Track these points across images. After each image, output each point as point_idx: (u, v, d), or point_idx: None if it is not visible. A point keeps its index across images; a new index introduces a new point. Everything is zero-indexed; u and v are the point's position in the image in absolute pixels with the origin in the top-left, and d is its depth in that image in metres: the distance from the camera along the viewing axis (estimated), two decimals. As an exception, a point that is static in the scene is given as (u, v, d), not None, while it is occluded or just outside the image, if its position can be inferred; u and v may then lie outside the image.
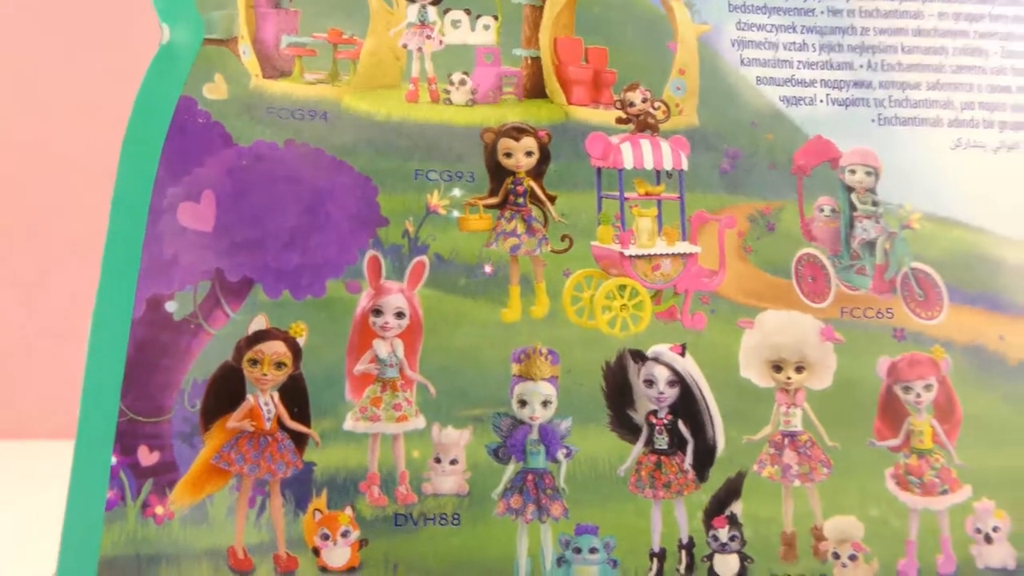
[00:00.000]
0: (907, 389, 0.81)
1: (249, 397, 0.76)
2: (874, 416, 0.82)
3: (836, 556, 0.78)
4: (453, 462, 0.78)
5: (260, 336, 0.77)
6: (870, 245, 0.85)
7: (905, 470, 0.81)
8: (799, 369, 0.81)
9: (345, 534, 0.74)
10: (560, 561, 0.76)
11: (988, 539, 0.80)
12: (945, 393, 0.82)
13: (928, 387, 0.81)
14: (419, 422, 0.78)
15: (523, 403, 0.78)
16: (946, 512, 0.80)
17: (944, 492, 0.80)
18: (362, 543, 0.75)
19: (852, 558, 0.78)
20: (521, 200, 0.82)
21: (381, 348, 0.79)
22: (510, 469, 0.77)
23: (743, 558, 0.78)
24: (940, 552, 0.80)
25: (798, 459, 0.80)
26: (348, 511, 0.76)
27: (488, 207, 0.82)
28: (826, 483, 0.80)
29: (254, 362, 0.75)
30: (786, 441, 0.81)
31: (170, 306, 0.76)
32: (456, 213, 0.82)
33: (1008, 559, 0.80)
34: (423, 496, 0.77)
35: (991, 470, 0.81)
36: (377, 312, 0.79)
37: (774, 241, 0.85)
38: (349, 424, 0.78)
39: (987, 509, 0.81)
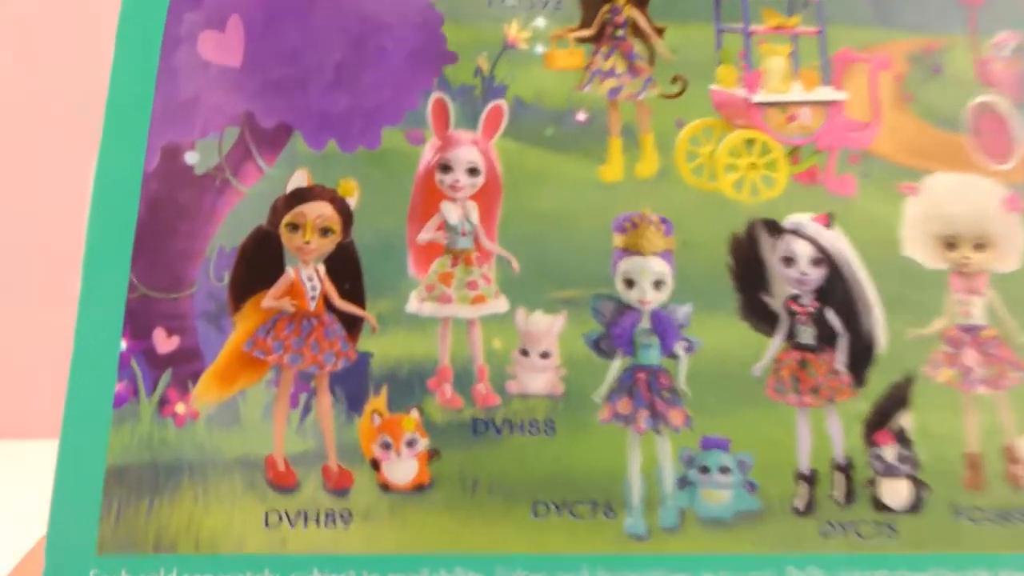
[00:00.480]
0: None
1: (289, 270, 0.65)
2: (1078, 304, 0.69)
3: (1036, 482, 0.66)
4: (544, 355, 0.66)
5: (301, 195, 0.66)
6: (1065, 93, 0.74)
7: (1119, 375, 0.68)
8: (979, 247, 0.69)
9: (411, 443, 0.63)
10: (683, 482, 0.64)
11: None
12: None
13: None
14: (500, 304, 0.67)
15: (630, 283, 0.66)
16: None
17: None
18: (432, 455, 0.64)
19: (1058, 484, 0.65)
20: (621, 33, 0.71)
21: (451, 212, 0.68)
22: (616, 365, 0.66)
23: (917, 485, 0.65)
24: None
25: (982, 360, 0.68)
26: (414, 414, 0.64)
27: (580, 41, 0.71)
28: (1018, 391, 0.68)
29: (294, 227, 0.65)
30: (965, 337, 0.68)
31: (190, 157, 0.66)
32: (540, 48, 0.71)
33: None
34: (507, 397, 0.66)
35: None
36: (445, 168, 0.68)
37: (941, 86, 0.73)
38: (413, 306, 0.67)
39: None
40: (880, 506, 0.65)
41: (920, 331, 0.68)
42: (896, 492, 0.65)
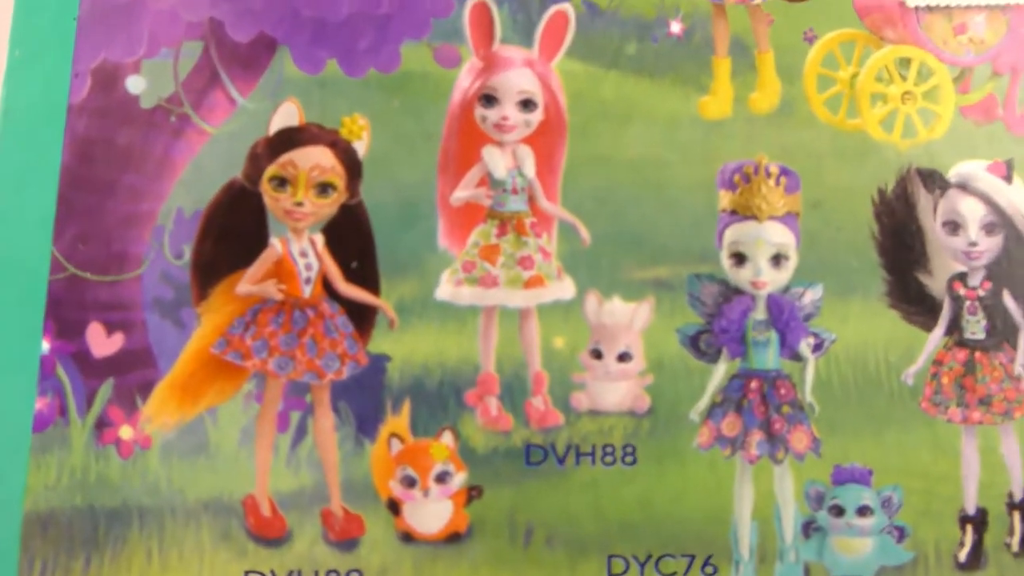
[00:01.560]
0: None
1: (274, 242, 0.59)
2: None
3: None
4: (623, 357, 0.61)
5: (290, 138, 0.59)
6: None
7: None
8: None
9: (442, 477, 0.57)
10: (810, 528, 0.59)
11: None
12: None
13: None
14: (565, 289, 0.61)
15: (740, 258, 0.61)
16: None
17: None
18: (472, 494, 0.58)
19: None
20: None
21: (497, 161, 0.61)
22: (720, 371, 0.60)
23: None
24: None
25: None
26: (446, 439, 0.59)
27: (675, -77, 0.62)
28: None
29: (281, 182, 0.58)
30: None
31: (134, 84, 0.60)
32: (619, -66, 0.62)
33: None
34: (573, 415, 0.60)
35: None
36: (489, 99, 0.62)
37: None
38: (447, 290, 0.61)
39: None
40: (1072, 558, 0.59)
41: None
42: None
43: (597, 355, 0.60)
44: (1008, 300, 0.61)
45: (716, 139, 0.61)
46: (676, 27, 0.62)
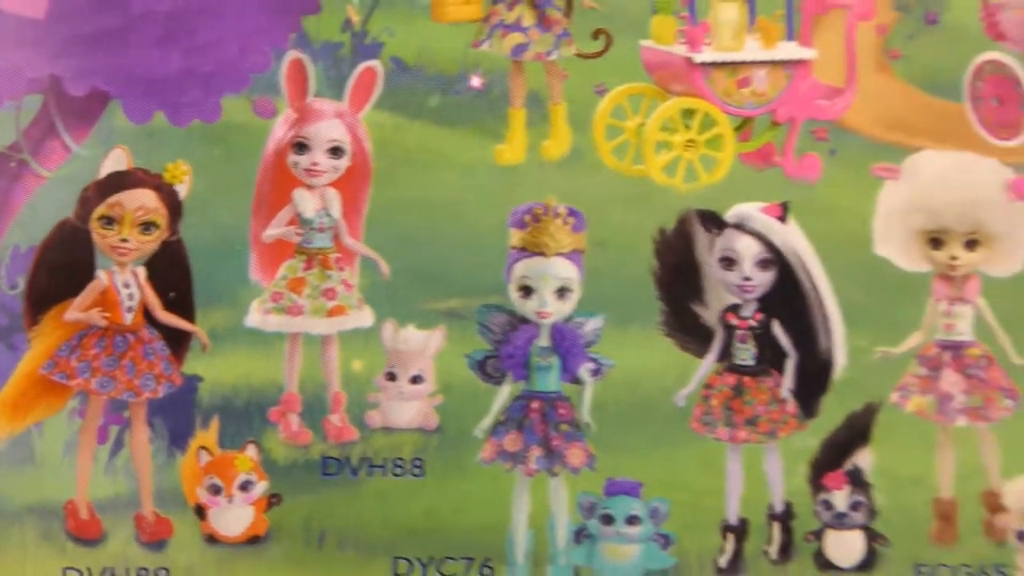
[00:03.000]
0: None
1: (100, 275, 0.82)
2: (1093, 320, 0.85)
3: (1023, 538, 0.82)
4: (415, 380, 0.83)
5: (118, 181, 0.82)
6: (1094, 50, 0.88)
7: None
8: (971, 244, 0.86)
9: (245, 486, 0.81)
10: (580, 535, 0.82)
11: None
12: None
13: None
14: (364, 317, 0.84)
15: (527, 291, 0.83)
16: None
17: None
18: (272, 501, 0.81)
19: (1050, 542, 0.82)
20: (530, -24, 0.86)
21: (306, 202, 0.85)
22: (504, 392, 0.82)
23: (871, 537, 0.83)
24: None
25: (966, 385, 0.85)
26: (250, 451, 0.82)
27: (478, -13, 0.87)
28: (1009, 423, 0.84)
29: (109, 221, 0.81)
30: (947, 357, 0.85)
31: None
32: (427, -6, 0.86)
33: None
34: (368, 431, 0.82)
35: None
36: (301, 146, 0.85)
37: (937, 42, 0.88)
38: (255, 318, 0.84)
39: None
40: (824, 564, 0.83)
41: (890, 349, 0.87)
42: (845, 546, 0.84)
43: (392, 377, 0.83)
44: (777, 330, 0.84)
45: (510, 183, 0.85)
46: (476, 81, 0.86)
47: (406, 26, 0.87)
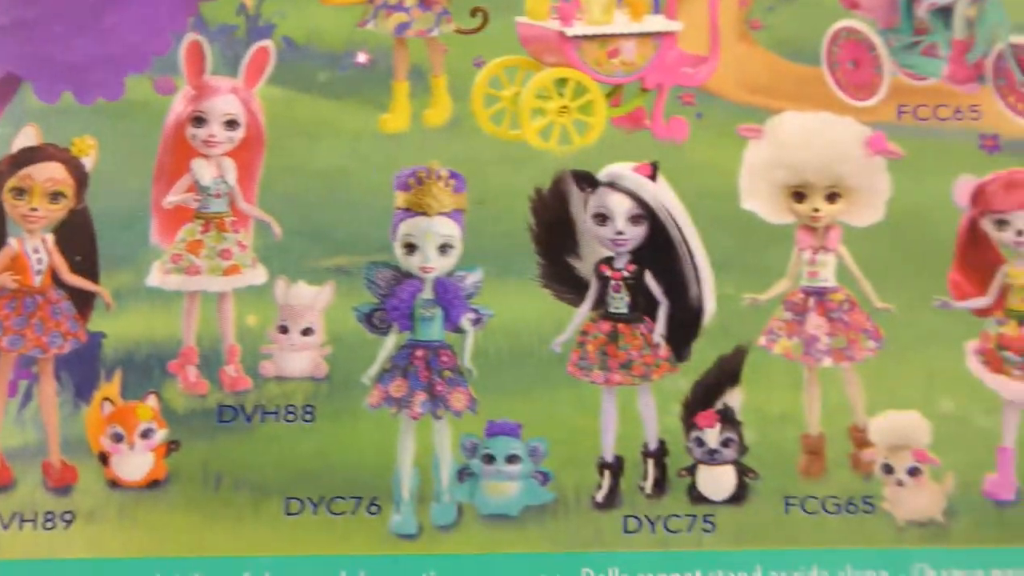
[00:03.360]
0: (1002, 224, 0.95)
1: (11, 241, 0.94)
2: (949, 264, 0.93)
3: (888, 470, 0.93)
4: (306, 332, 0.95)
5: (28, 156, 0.95)
6: (944, 13, 0.98)
7: (997, 343, 0.94)
8: (832, 197, 0.95)
9: (146, 434, 0.91)
10: (463, 474, 0.91)
11: None
12: None
13: None
14: (258, 275, 0.96)
15: (411, 248, 0.94)
16: None
17: None
18: (171, 447, 0.92)
19: (913, 473, 0.92)
20: (412, -41, 0.99)
21: (203, 171, 0.97)
22: (390, 342, 0.93)
23: (742, 472, 0.93)
24: None
25: (829, 328, 0.95)
26: (151, 401, 0.93)
27: (364, -29, 0.99)
28: (873, 363, 0.95)
29: (19, 192, 0.93)
30: (811, 302, 0.96)
31: None
32: (317, -20, 0.98)
33: None
34: (261, 380, 0.94)
35: None
36: (198, 120, 0.98)
37: (795, 12, 0.99)
38: (156, 278, 0.96)
39: None
40: (697, 497, 0.93)
41: (757, 296, 0.96)
42: (717, 481, 0.92)
43: (284, 330, 0.94)
44: (649, 280, 0.94)
45: (394, 150, 0.97)
46: (363, 57, 0.98)
47: (297, 9, 1.00)
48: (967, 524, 0.91)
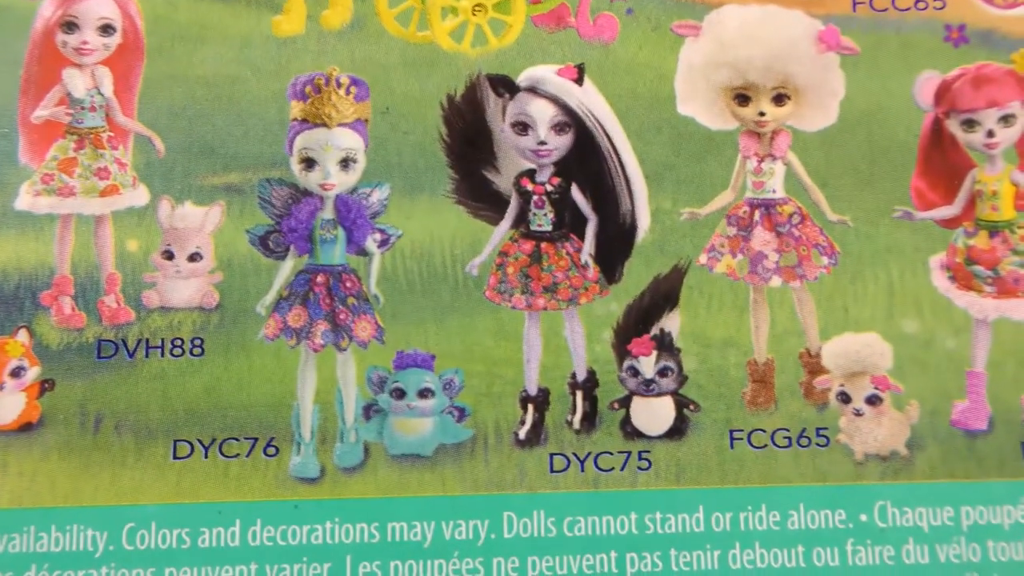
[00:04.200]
0: (970, 124, 0.99)
1: None
2: (911, 171, 0.97)
3: (844, 399, 0.97)
4: (193, 257, 0.99)
5: None
6: None
7: (966, 257, 0.98)
8: (779, 99, 1.00)
9: (16, 372, 0.95)
10: (369, 411, 0.95)
11: None
12: None
13: (1007, 119, 1.00)
14: (139, 196, 1.00)
15: (309, 163, 0.98)
16: None
17: None
18: (44, 386, 0.96)
19: (872, 401, 0.96)
20: None
21: (76, 82, 1.01)
22: (287, 267, 0.98)
23: (681, 404, 0.97)
24: None
25: (778, 243, 0.99)
26: (21, 336, 0.97)
27: None
28: (827, 281, 1.00)
29: None
30: (757, 215, 1.01)
31: None
32: None
33: None
34: (144, 312, 0.98)
35: None
36: (69, 26, 1.02)
37: None
38: (25, 201, 0.99)
39: None
40: (631, 432, 0.97)
41: (697, 210, 0.99)
42: (653, 414, 0.96)
43: (168, 256, 0.98)
44: (576, 194, 0.98)
45: (288, 55, 1.00)
46: (252, -48, 1.01)
47: None
48: (933, 457, 0.95)
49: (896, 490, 0.94)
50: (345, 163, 0.97)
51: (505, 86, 0.99)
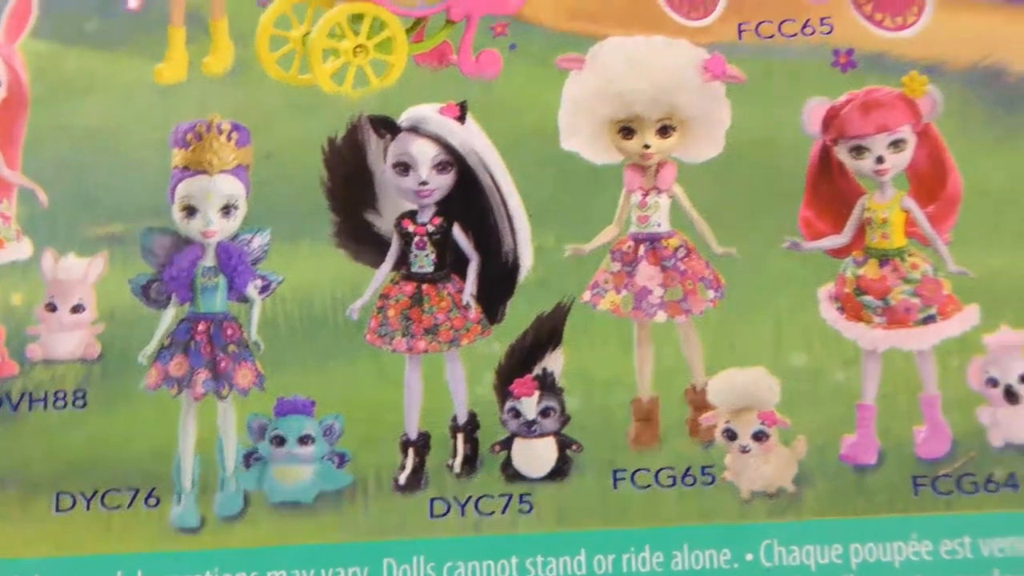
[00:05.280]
0: (859, 150, 0.98)
1: None
2: (799, 200, 0.96)
3: (730, 436, 0.95)
4: (76, 309, 1.00)
5: None
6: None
7: (856, 287, 0.97)
8: (665, 131, 0.99)
9: None
10: (250, 459, 0.95)
11: (1012, 396, 0.94)
12: (930, 152, 0.98)
13: (897, 144, 0.98)
14: (22, 249, 1.01)
15: (190, 210, 0.98)
16: (931, 354, 0.96)
17: (928, 319, 0.94)
18: None
19: (759, 437, 0.95)
20: None
21: None
22: (169, 316, 0.98)
23: (563, 444, 0.96)
24: (921, 422, 0.96)
25: (663, 278, 0.98)
26: None
27: (134, -91, 1.03)
28: (713, 316, 0.98)
29: None
30: (642, 250, 0.99)
31: None
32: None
33: (1049, 430, 0.94)
34: (28, 365, 0.99)
35: (1017, 277, 0.97)
36: None
37: None
38: None
39: (1010, 344, 0.96)
40: (513, 474, 0.96)
41: (580, 246, 0.98)
42: (535, 455, 0.96)
43: (52, 308, 0.99)
44: (458, 234, 0.98)
45: (171, 103, 1.01)
46: (134, 2, 1.02)
47: (62, -50, 1.05)
48: (821, 493, 0.93)
49: (783, 528, 0.92)
50: (226, 210, 0.98)
51: (386, 127, 0.99)
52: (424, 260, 0.98)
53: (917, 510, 0.92)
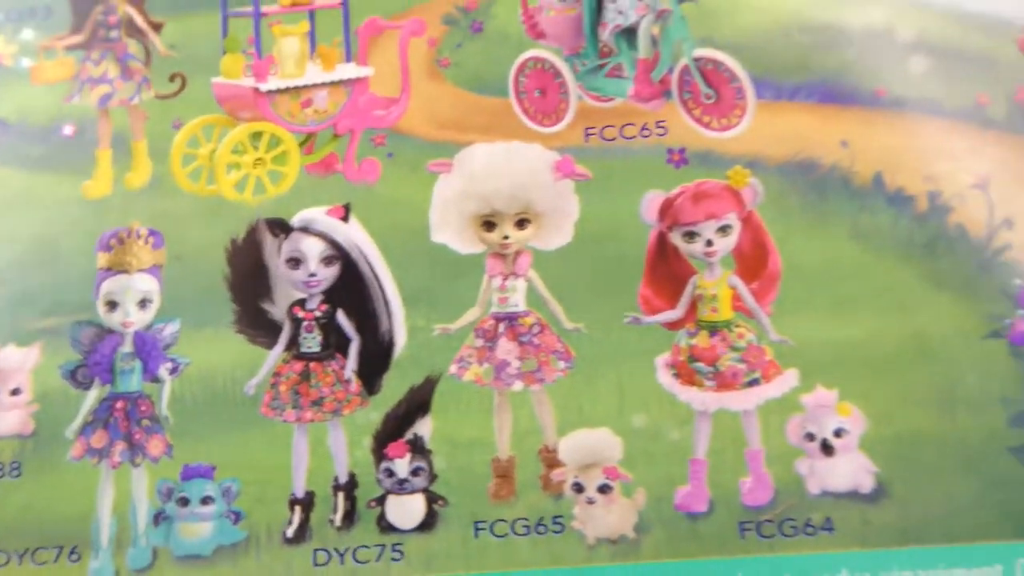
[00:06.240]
0: (691, 235, 1.10)
1: None
2: (640, 280, 1.09)
3: (578, 489, 1.08)
4: (14, 392, 1.15)
5: None
6: (629, 33, 1.16)
7: (689, 355, 1.09)
8: (521, 224, 1.12)
9: None
10: (159, 518, 1.09)
11: (827, 448, 1.05)
12: (752, 236, 1.11)
13: (724, 229, 1.10)
14: None
15: (112, 305, 1.14)
16: (755, 413, 1.08)
17: (753, 382, 1.06)
18: None
19: (603, 490, 1.07)
20: (115, 33, 1.20)
21: None
22: (92, 396, 1.14)
23: (432, 499, 1.10)
24: (746, 473, 1.07)
25: (520, 352, 1.11)
26: None
27: (70, 48, 1.19)
28: (563, 383, 1.12)
29: None
30: (502, 328, 1.12)
31: None
32: (27, 62, 1.19)
33: (861, 477, 1.04)
34: None
35: (830, 344, 1.10)
36: None
37: (483, 47, 1.17)
38: None
39: (825, 403, 1.06)
40: (386, 527, 1.09)
41: (448, 326, 1.12)
42: (406, 510, 1.08)
43: (-8, 392, 1.12)
44: (341, 318, 1.11)
45: (97, 214, 1.17)
46: (69, 130, 1.19)
47: (9, 90, 1.23)
48: (659, 538, 1.05)
49: (624, 570, 1.04)
50: (143, 303, 1.13)
51: (280, 227, 1.13)
52: (312, 342, 1.12)
53: (743, 552, 1.03)
